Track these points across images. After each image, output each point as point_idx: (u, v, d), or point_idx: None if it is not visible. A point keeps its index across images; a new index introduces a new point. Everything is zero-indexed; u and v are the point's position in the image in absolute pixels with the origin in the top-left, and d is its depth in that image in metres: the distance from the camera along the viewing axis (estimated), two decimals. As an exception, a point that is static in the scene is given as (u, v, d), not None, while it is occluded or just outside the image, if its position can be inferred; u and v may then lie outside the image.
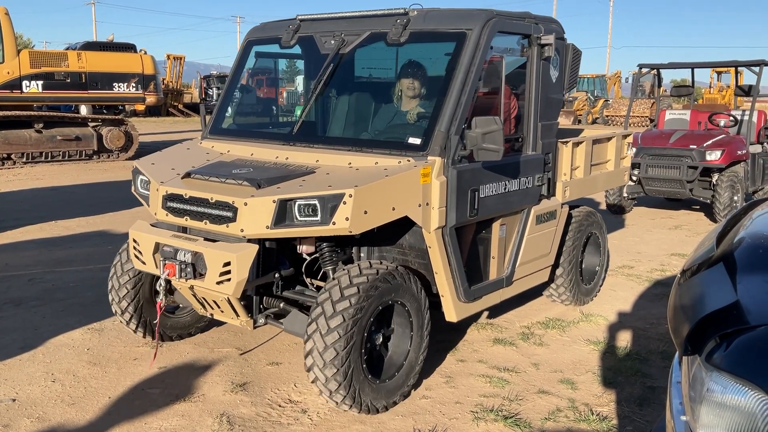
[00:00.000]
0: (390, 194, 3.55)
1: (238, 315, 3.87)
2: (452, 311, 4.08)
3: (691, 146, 8.97)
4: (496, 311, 5.27)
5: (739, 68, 10.95)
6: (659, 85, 11.63)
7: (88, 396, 3.82)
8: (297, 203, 3.43)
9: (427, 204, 3.74)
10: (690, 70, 11.24)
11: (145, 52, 17.00)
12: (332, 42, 4.34)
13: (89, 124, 15.87)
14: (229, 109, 5.02)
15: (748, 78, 29.97)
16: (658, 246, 7.81)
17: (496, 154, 3.73)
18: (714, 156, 8.87)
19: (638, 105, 28.01)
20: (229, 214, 3.53)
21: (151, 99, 16.78)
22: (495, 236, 4.47)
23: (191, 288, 3.83)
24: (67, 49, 16.55)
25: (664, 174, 9.08)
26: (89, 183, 12.34)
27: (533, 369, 4.29)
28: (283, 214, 3.44)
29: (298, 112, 4.86)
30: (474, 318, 5.14)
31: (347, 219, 3.36)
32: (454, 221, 3.90)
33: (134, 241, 3.96)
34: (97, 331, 4.81)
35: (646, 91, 31.97)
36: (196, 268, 3.65)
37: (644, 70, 10.67)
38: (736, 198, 8.96)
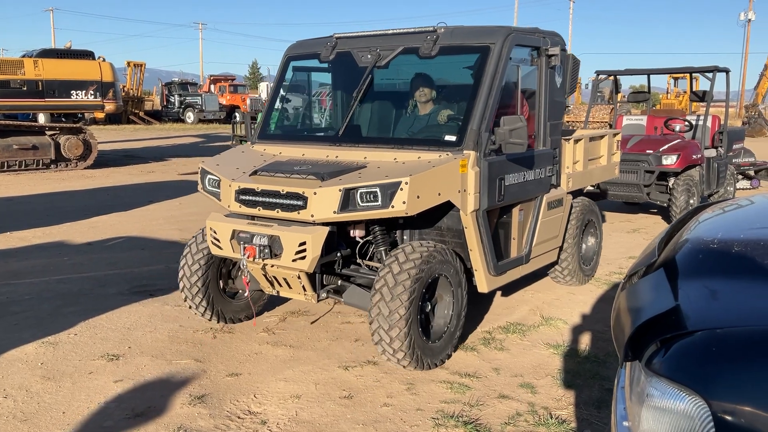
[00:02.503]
0: (436, 182, 4.19)
1: (305, 290, 4.47)
2: (484, 283, 4.75)
3: (647, 151, 9.14)
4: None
5: (694, 74, 11.18)
6: (617, 91, 11.83)
7: (41, 412, 3.73)
8: (359, 191, 4.03)
9: (465, 190, 4.39)
10: (647, 76, 11.45)
11: (104, 59, 16.74)
12: (369, 56, 4.96)
13: (46, 132, 15.57)
14: (273, 117, 5.63)
15: (704, 84, 30.64)
16: (617, 249, 7.93)
17: (521, 147, 4.46)
18: (670, 160, 9.05)
19: (598, 111, 28.41)
20: (300, 202, 4.13)
21: (110, 107, 16.55)
22: (515, 220, 5.16)
23: (263, 268, 4.42)
24: (24, 56, 16.22)
25: (622, 178, 9.21)
26: (46, 193, 12.10)
27: (494, 374, 4.31)
28: (347, 201, 4.04)
29: (329, 119, 5.84)
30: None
31: (404, 203, 3.97)
32: (486, 205, 4.56)
33: (212, 230, 4.50)
34: (52, 344, 4.70)
35: (606, 97, 32.45)
36: (272, 250, 4.20)
37: (602, 77, 10.84)
38: (692, 201, 9.14)
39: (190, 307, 4.97)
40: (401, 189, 3.96)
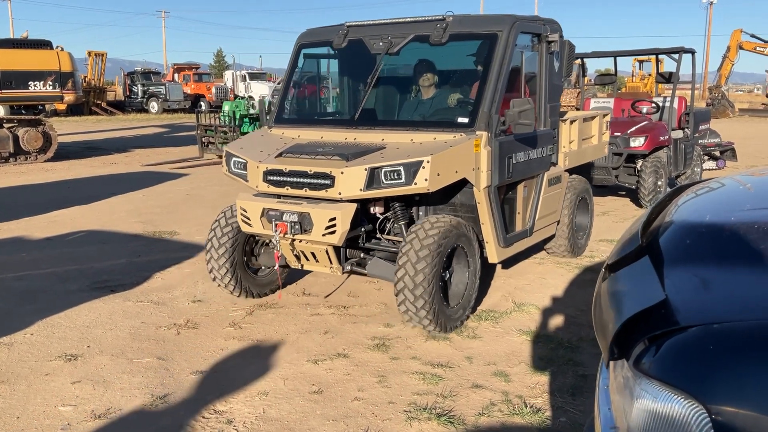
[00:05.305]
0: (454, 161, 4.51)
1: (331, 263, 4.81)
2: (494, 254, 5.11)
3: (615, 133, 9.10)
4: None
5: (660, 56, 11.19)
6: (584, 75, 11.80)
7: (-6, 417, 3.54)
8: (384, 170, 4.34)
9: (478, 168, 4.73)
10: (613, 58, 11.44)
11: (62, 49, 16.25)
12: (381, 44, 5.22)
13: (4, 125, 15.09)
14: (288, 102, 5.89)
15: (669, 65, 30.91)
16: (587, 233, 7.88)
17: (529, 128, 4.90)
18: (638, 142, 9.04)
19: (565, 94, 28.50)
20: (327, 181, 4.43)
21: (69, 97, 16.08)
22: (520, 196, 5.53)
23: (291, 243, 4.75)
24: (-22, 47, 15.67)
25: (591, 161, 9.17)
26: (4, 187, 11.70)
27: (467, 363, 4.22)
28: (372, 179, 4.35)
29: (342, 104, 6.09)
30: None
31: (426, 180, 4.29)
32: (497, 182, 4.91)
33: (242, 208, 4.81)
34: (6, 345, 4.49)
35: (572, 80, 32.55)
36: (302, 225, 4.51)
37: (569, 60, 10.77)
38: (660, 183, 9.15)
39: (218, 285, 5.25)
40: (423, 167, 4.28)
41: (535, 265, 6.45)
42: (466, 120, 4.81)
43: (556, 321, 4.97)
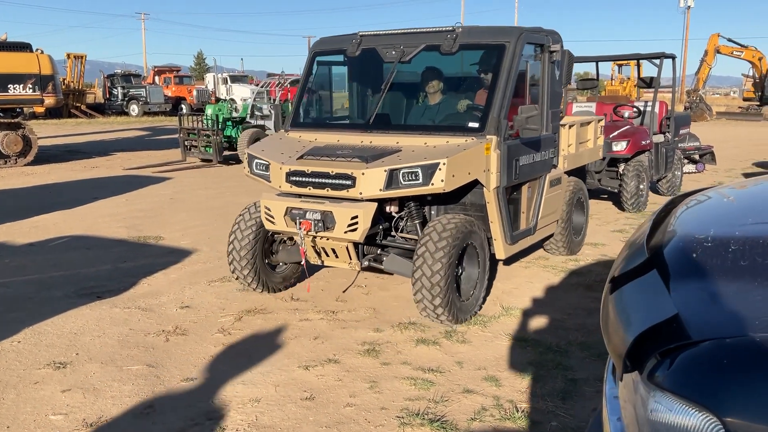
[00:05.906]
0: (467, 163, 4.77)
1: (350, 259, 5.09)
2: (502, 251, 5.41)
3: (598, 137, 9.18)
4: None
5: (640, 60, 11.32)
6: (566, 79, 11.87)
7: (-17, 427, 3.51)
8: (402, 171, 4.59)
9: (488, 170, 5.03)
10: (594, 63, 11.55)
11: (42, 52, 16.07)
12: (393, 53, 5.49)
13: (-18, 129, 14.89)
14: (303, 107, 6.13)
15: (648, 69, 31.18)
16: (572, 236, 7.95)
17: (536, 133, 5.30)
18: (620, 147, 9.14)
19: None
20: (349, 182, 4.68)
21: (49, 100, 15.88)
22: (524, 196, 5.80)
23: (313, 240, 5.03)
24: (-44, 49, 15.44)
25: (574, 165, 9.25)
26: (-16, 191, 11.56)
27: (457, 368, 4.24)
28: (391, 179, 4.60)
29: (353, 109, 6.40)
30: (396, 318, 5.06)
31: (442, 181, 4.55)
32: (505, 183, 5.22)
33: (266, 207, 5.07)
34: (-7, 354, 4.45)
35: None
36: (325, 223, 4.77)
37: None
38: (641, 186, 9.26)
39: (237, 278, 5.54)
40: (440, 169, 4.53)
41: (522, 269, 6.50)
42: (476, 125, 5.08)
43: (544, 325, 5.02)
